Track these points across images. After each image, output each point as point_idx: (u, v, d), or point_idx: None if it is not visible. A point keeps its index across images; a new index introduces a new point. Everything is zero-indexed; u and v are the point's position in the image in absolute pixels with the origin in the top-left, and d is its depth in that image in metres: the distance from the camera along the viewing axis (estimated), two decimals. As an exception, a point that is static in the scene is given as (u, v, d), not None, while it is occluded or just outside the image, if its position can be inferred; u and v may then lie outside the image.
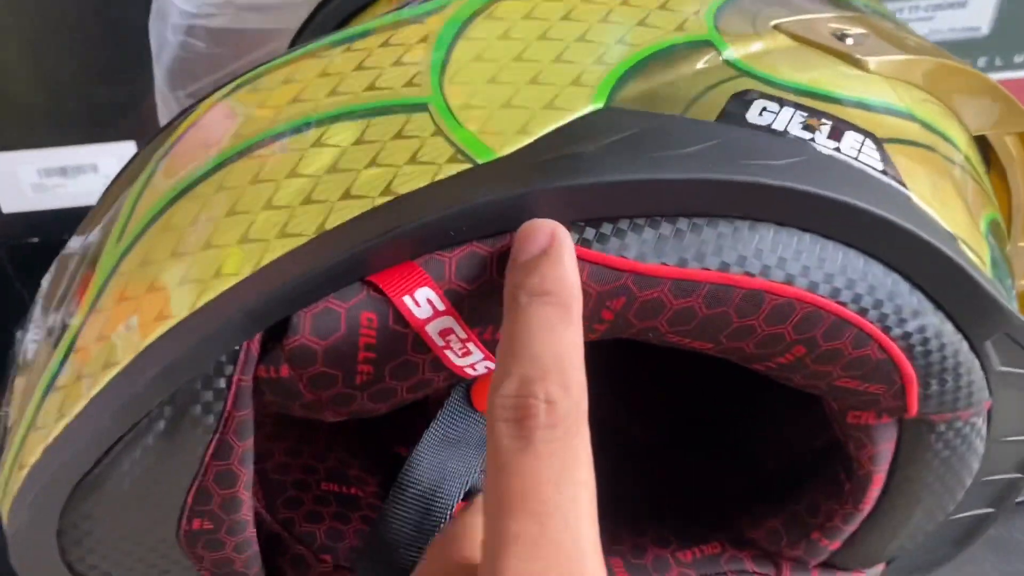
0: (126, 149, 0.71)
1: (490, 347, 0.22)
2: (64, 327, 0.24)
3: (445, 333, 0.21)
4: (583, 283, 0.21)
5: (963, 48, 0.71)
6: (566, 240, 0.21)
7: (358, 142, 0.22)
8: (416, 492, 0.24)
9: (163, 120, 0.39)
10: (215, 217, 0.22)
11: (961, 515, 0.31)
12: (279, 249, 0.21)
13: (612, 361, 0.38)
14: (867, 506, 0.28)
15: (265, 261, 0.21)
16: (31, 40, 0.67)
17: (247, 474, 0.24)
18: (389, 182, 0.21)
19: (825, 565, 0.31)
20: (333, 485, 0.30)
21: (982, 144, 0.32)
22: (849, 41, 0.26)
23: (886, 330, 0.23)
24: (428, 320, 0.21)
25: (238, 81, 0.25)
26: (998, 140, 0.33)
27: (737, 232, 0.22)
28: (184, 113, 0.26)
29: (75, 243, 0.26)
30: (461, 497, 0.24)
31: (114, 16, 0.65)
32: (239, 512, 0.24)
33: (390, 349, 0.21)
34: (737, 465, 0.35)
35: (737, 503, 0.33)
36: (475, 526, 0.22)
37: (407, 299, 0.21)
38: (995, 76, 0.73)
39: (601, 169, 0.21)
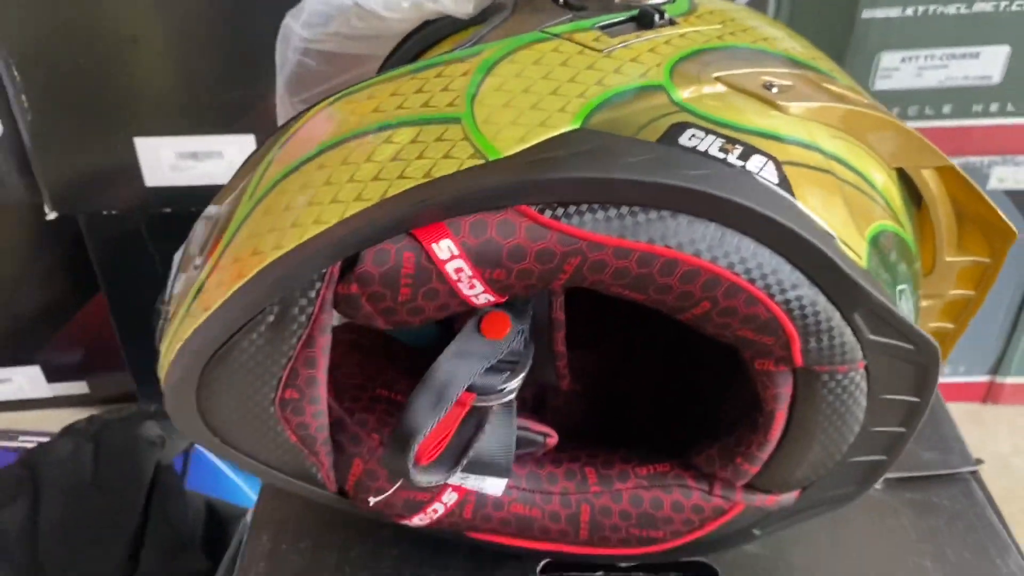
0: (247, 140, 0.85)
1: (490, 284, 0.33)
2: (206, 260, 0.36)
3: (458, 271, 0.32)
4: (552, 245, 0.32)
5: (977, 95, 0.77)
6: None
7: (413, 141, 0.33)
8: (433, 386, 0.34)
9: (280, 118, 0.51)
10: (315, 184, 0.34)
11: (859, 458, 0.40)
12: (356, 208, 0.32)
13: (615, 332, 0.48)
14: (774, 437, 0.38)
15: (347, 215, 0.32)
16: (176, 47, 0.82)
17: (324, 361, 0.35)
18: (430, 169, 0.32)
19: (748, 487, 0.40)
20: (384, 391, 0.41)
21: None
22: (774, 90, 0.36)
23: (771, 296, 0.33)
24: (447, 261, 0.32)
25: (337, 95, 0.37)
26: (917, 175, 0.41)
27: (661, 218, 0.32)
28: (297, 116, 0.37)
29: (211, 210, 0.38)
30: (463, 390, 0.34)
31: (243, 30, 0.78)
32: (316, 388, 0.35)
33: (422, 278, 0.32)
34: (694, 411, 0.44)
35: (688, 438, 0.42)
36: None
37: (434, 245, 0.32)
38: (1008, 121, 0.80)
39: (568, 168, 0.31)
